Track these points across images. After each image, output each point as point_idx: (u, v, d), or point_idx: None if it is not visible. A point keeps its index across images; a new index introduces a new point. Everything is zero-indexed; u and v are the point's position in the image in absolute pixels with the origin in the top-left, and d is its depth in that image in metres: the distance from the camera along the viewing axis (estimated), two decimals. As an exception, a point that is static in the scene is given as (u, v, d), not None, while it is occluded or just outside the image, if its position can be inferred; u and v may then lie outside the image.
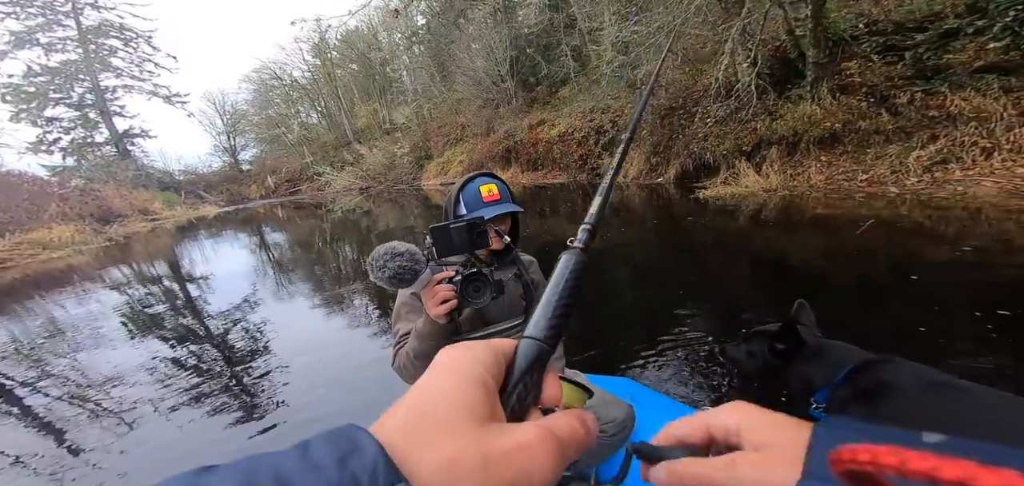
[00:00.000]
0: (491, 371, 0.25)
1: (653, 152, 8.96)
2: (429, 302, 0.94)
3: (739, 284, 3.49)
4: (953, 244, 3.18)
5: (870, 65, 6.08)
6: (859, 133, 5.47)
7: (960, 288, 2.61)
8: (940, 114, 4.93)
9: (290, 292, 5.28)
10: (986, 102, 4.46)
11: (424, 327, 0.98)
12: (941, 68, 5.42)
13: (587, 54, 14.28)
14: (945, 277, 2.80)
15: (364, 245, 8.56)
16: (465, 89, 18.31)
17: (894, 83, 5.67)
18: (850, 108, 5.70)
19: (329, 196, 21.32)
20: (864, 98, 5.73)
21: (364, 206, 15.55)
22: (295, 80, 33.11)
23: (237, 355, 3.40)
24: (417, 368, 1.02)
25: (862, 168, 5.12)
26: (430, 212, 11.68)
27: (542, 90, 15.83)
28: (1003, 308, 2.24)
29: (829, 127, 5.67)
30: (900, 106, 5.28)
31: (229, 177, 31.40)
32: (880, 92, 5.70)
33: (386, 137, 23.62)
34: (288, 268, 7.18)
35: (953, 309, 2.39)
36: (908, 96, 5.24)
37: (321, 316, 4.14)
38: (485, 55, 16.94)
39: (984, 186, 3.82)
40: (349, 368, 2.96)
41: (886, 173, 4.81)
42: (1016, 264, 2.78)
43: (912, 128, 5.09)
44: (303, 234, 11.26)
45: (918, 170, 4.55)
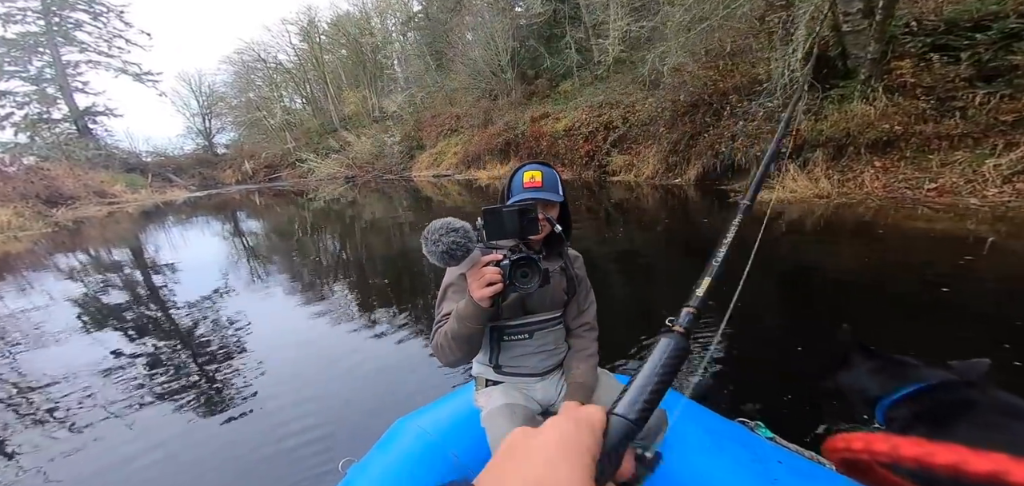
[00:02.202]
0: (594, 453, 0.27)
1: (672, 151, 8.34)
2: (474, 284, 0.91)
3: (831, 308, 2.84)
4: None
5: (926, 65, 5.58)
6: (919, 137, 4.95)
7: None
8: (1014, 119, 4.43)
9: (266, 283, 4.90)
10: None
11: (466, 309, 0.94)
12: (1003, 70, 4.95)
13: (590, 47, 13.67)
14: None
15: (347, 237, 7.92)
16: (462, 79, 17.41)
17: (954, 84, 5.18)
18: (907, 110, 5.18)
19: (312, 184, 20.09)
20: (921, 99, 5.22)
21: (349, 196, 14.65)
22: (280, 63, 31.43)
23: (205, 350, 3.16)
24: (454, 350, 1.00)
25: (927, 176, 4.58)
26: (420, 205, 10.94)
27: (542, 83, 15.13)
28: None
29: (887, 130, 5.13)
30: (968, 109, 4.77)
31: (202, 160, 29.58)
32: (938, 94, 5.21)
33: (375, 125, 22.45)
34: (264, 258, 6.53)
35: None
36: (976, 98, 4.73)
37: (299, 310, 3.88)
38: (484, 44, 16.10)
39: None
40: (328, 364, 2.81)
41: (959, 182, 4.28)
42: None
43: (981, 134, 4.59)
44: (282, 223, 10.53)
45: (997, 180, 4.03)
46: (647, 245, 5.08)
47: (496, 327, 1.14)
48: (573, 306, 1.22)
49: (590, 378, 1.14)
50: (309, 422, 2.15)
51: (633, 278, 4.00)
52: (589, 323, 1.23)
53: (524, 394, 1.17)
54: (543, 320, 1.15)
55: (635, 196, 8.12)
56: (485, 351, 1.16)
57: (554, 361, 1.19)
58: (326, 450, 1.91)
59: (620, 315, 3.08)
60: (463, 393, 1.32)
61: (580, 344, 1.20)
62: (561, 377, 1.21)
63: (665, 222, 6.18)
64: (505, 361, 1.15)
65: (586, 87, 13.24)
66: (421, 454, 1.15)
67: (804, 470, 1.06)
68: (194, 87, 32.91)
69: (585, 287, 1.24)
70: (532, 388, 1.18)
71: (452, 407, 1.29)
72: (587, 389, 1.13)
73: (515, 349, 1.15)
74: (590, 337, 1.21)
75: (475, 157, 14.40)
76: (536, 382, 1.18)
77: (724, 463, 1.06)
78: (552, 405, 1.20)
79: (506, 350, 1.15)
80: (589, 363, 1.17)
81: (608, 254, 4.75)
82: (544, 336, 1.16)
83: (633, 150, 9.78)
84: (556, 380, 1.21)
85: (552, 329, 1.17)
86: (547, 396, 1.20)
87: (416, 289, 4.12)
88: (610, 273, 4.14)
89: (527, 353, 1.15)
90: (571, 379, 1.15)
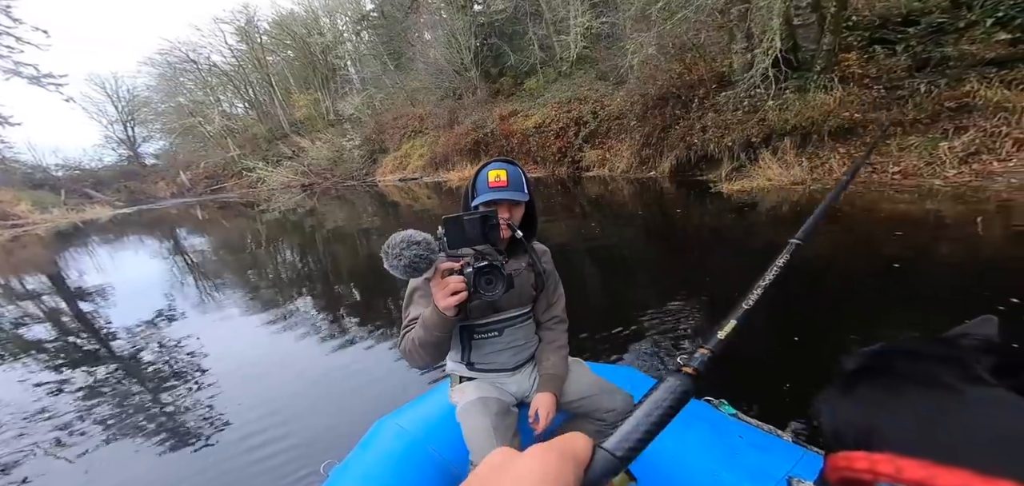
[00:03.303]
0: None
1: (644, 144, 8.50)
2: (438, 293, 0.91)
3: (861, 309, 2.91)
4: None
5: (871, 56, 6.07)
6: (876, 124, 5.34)
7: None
8: (957, 106, 4.89)
9: (219, 303, 4.58)
10: (1010, 94, 4.43)
11: (431, 317, 0.95)
12: (936, 61, 5.47)
13: (552, 44, 13.77)
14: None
15: (308, 247, 7.48)
16: (423, 78, 16.89)
17: (897, 74, 5.66)
18: (862, 98, 5.58)
19: (263, 194, 18.61)
20: (873, 88, 5.65)
21: (307, 205, 13.78)
22: (214, 65, 28.92)
23: (159, 378, 2.95)
24: (422, 355, 1.00)
25: (890, 160, 4.94)
26: (387, 211, 10.49)
27: (507, 81, 15.01)
28: None
29: (847, 118, 5.48)
30: (915, 97, 5.21)
31: (127, 173, 26.65)
32: (884, 83, 5.66)
33: (331, 129, 21.23)
34: (214, 276, 6.05)
35: None
36: (921, 87, 5.18)
37: (261, 327, 3.66)
38: (446, 42, 15.71)
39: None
40: (299, 376, 2.69)
41: (920, 165, 4.64)
42: None
43: (929, 120, 5.03)
44: (231, 237, 9.78)
45: (953, 161, 4.41)
46: (623, 238, 5.12)
47: (466, 326, 1.15)
48: (542, 300, 1.24)
49: (561, 369, 1.19)
50: (285, 430, 2.11)
51: (609, 271, 3.98)
52: (558, 316, 1.26)
53: (498, 388, 1.18)
54: (512, 317, 1.16)
55: (610, 191, 8.20)
56: (457, 350, 1.18)
57: (526, 355, 1.21)
58: (306, 456, 1.90)
59: (596, 308, 3.05)
60: (441, 390, 1.34)
61: (550, 336, 1.24)
62: (534, 369, 1.24)
63: (640, 215, 6.28)
64: (477, 359, 1.17)
65: (551, 84, 13.29)
66: (402, 452, 1.17)
67: (761, 443, 1.13)
68: (110, 91, 29.49)
69: (553, 280, 1.26)
70: (505, 382, 1.20)
71: (430, 405, 1.32)
72: (558, 380, 1.17)
73: (486, 347, 1.16)
74: (560, 329, 1.25)
75: (443, 158, 13.98)
76: (509, 376, 1.20)
77: (688, 438, 1.14)
78: (526, 396, 1.22)
79: (477, 348, 1.16)
80: (559, 354, 1.21)
81: (584, 249, 4.74)
82: (514, 332, 1.17)
83: (605, 144, 9.89)
84: (529, 372, 1.23)
85: (521, 325, 1.19)
86: (521, 389, 1.22)
87: (386, 293, 4.02)
88: (586, 268, 4.12)
89: (498, 350, 1.16)
90: (543, 371, 1.19)
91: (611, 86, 10.74)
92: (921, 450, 0.42)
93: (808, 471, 0.98)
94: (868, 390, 0.76)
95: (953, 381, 0.64)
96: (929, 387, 0.72)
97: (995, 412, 0.56)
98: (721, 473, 1.04)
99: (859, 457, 0.25)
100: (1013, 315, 2.16)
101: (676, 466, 1.08)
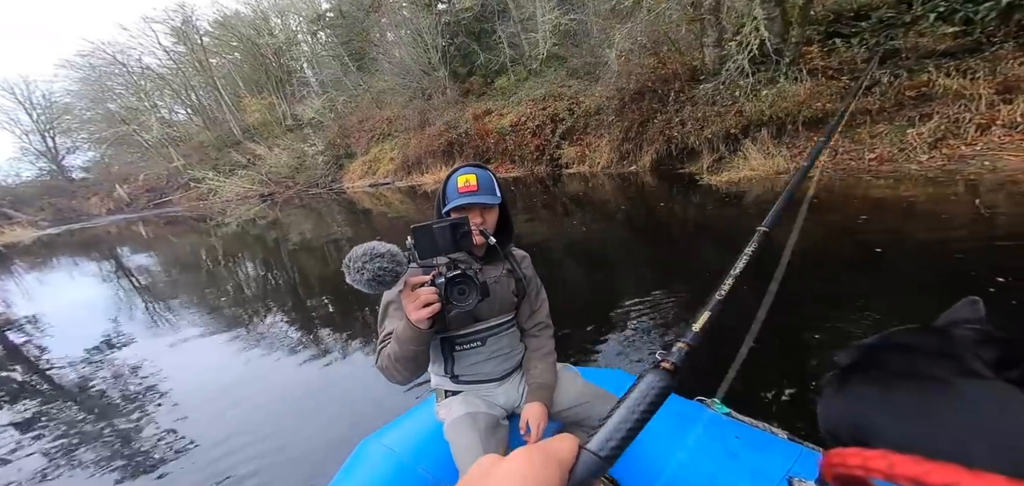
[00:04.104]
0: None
1: (624, 139, 8.60)
2: (409, 306, 0.89)
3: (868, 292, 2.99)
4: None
5: (832, 49, 6.43)
6: (848, 113, 5.65)
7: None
8: (917, 94, 5.26)
9: (175, 326, 4.27)
10: (965, 83, 4.81)
11: (405, 332, 0.92)
12: (890, 53, 5.89)
13: (520, 43, 13.73)
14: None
15: (273, 261, 7.09)
16: (389, 79, 16.29)
17: (856, 66, 6.03)
18: (831, 88, 5.89)
19: (217, 206, 17.24)
20: (838, 79, 5.98)
21: (268, 215, 12.93)
22: (147, 68, 26.53)
23: (114, 411, 2.72)
24: (399, 371, 0.98)
25: (865, 147, 5.23)
26: (358, 219, 10.04)
27: (477, 80, 14.78)
28: None
29: (818, 107, 5.77)
30: (877, 87, 5.56)
31: (52, 188, 23.94)
32: (846, 75, 6.01)
33: (290, 135, 20.02)
34: (166, 297, 5.61)
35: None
36: (884, 78, 5.53)
37: (226, 348, 3.46)
38: (411, 42, 15.23)
39: (1007, 159, 3.99)
40: (272, 407, 2.47)
41: (893, 151, 4.93)
42: None
43: (894, 108, 5.37)
44: (184, 255, 9.05)
45: (924, 147, 4.72)
46: (605, 234, 5.11)
47: (446, 339, 1.12)
48: (525, 307, 1.21)
49: (549, 377, 1.15)
50: (260, 459, 1.99)
51: (593, 269, 3.92)
52: (543, 322, 1.23)
53: (486, 401, 1.14)
54: (494, 325, 1.13)
55: (591, 187, 8.21)
56: (440, 363, 1.15)
57: (512, 364, 1.18)
58: (289, 478, 1.83)
59: (580, 309, 3.01)
60: (427, 406, 1.30)
61: (536, 343, 1.20)
62: (522, 378, 1.20)
63: (623, 210, 6.32)
64: (461, 371, 1.13)
65: (522, 82, 13.21)
66: (390, 474, 1.13)
67: (759, 442, 1.11)
68: (21, 97, 26.29)
69: (535, 286, 1.23)
70: (493, 394, 1.16)
71: (417, 422, 1.27)
72: (548, 388, 1.13)
73: (469, 358, 1.13)
74: (546, 335, 1.22)
75: (415, 161, 13.53)
76: (496, 387, 1.17)
77: (684, 442, 1.10)
78: (516, 407, 1.18)
79: (460, 360, 1.13)
80: (547, 361, 1.17)
81: (566, 247, 4.69)
82: (497, 341, 1.14)
83: (583, 141, 9.93)
84: (517, 382, 1.19)
85: (505, 333, 1.16)
86: (510, 399, 1.18)
87: (361, 305, 3.90)
88: (569, 267, 4.07)
89: (482, 360, 1.13)
90: (531, 380, 1.15)
91: (585, 82, 10.83)
92: (913, 446, 0.44)
93: (808, 469, 0.96)
94: (860, 386, 0.73)
95: (945, 374, 0.63)
96: (920, 382, 0.68)
97: (984, 406, 0.55)
98: (720, 476, 1.02)
99: (852, 453, 0.25)
100: (1001, 294, 2.25)
101: (674, 471, 1.04)
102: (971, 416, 0.56)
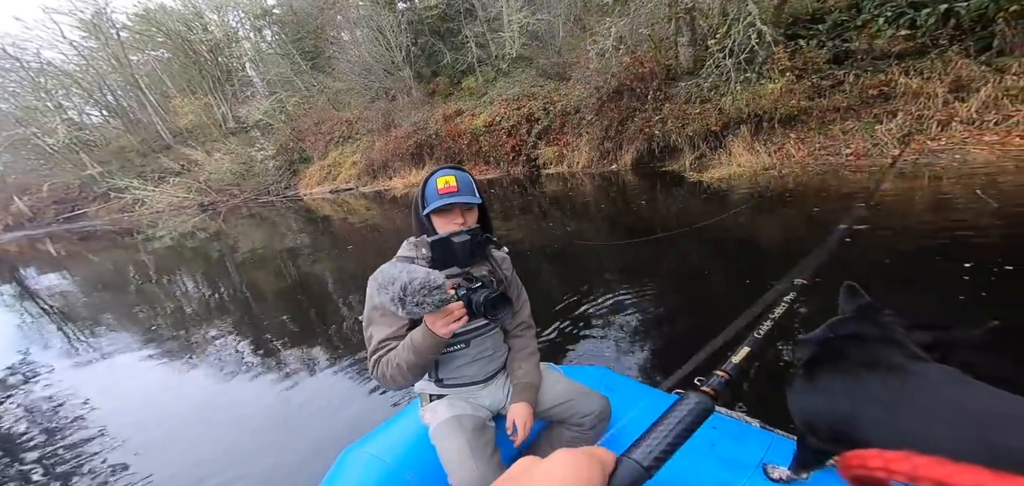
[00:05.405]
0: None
1: (604, 138, 8.64)
2: (439, 321, 0.91)
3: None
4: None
5: (797, 50, 6.86)
6: (819, 109, 6.01)
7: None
8: (879, 93, 5.71)
9: (104, 352, 3.82)
10: (923, 82, 5.28)
11: (425, 342, 0.95)
12: (846, 54, 6.38)
13: (487, 42, 13.56)
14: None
15: (219, 276, 6.45)
16: (348, 79, 15.35)
17: (820, 67, 6.46)
18: (804, 87, 6.25)
19: (144, 219, 15.25)
20: (808, 79, 6.36)
21: (210, 227, 11.72)
22: (48, 63, 23.10)
23: (35, 449, 2.42)
24: (406, 377, 1.00)
25: (838, 143, 5.57)
26: (317, 228, 9.34)
27: (443, 81, 14.36)
28: None
29: (793, 105, 6.09)
30: (843, 86, 5.98)
31: (-75, 205, 19.84)
32: (812, 75, 6.42)
33: (233, 138, 18.21)
34: (88, 321, 4.97)
35: None
36: (849, 76, 5.96)
37: (175, 376, 3.18)
38: (373, 41, 14.48)
39: (974, 152, 4.38)
40: (237, 430, 2.34)
41: (867, 146, 5.27)
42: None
43: (860, 106, 5.79)
44: (107, 274, 7.97)
45: (893, 142, 5.10)
46: (587, 234, 5.04)
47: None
48: None
49: (534, 376, 1.17)
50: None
51: (572, 270, 3.93)
52: (525, 321, 1.25)
53: (471, 403, 1.16)
54: (478, 327, 1.14)
55: (570, 188, 8.12)
56: None
57: (496, 365, 1.19)
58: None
59: (561, 310, 2.99)
60: (410, 412, 1.29)
61: (520, 344, 1.22)
62: (506, 379, 1.21)
63: (603, 209, 6.29)
64: (446, 374, 1.14)
65: (491, 82, 13.00)
66: (376, 481, 1.11)
67: (735, 432, 1.17)
68: None
69: (516, 286, 1.25)
70: (478, 396, 1.18)
71: (401, 429, 1.25)
72: (532, 388, 1.15)
73: (454, 361, 1.14)
74: (529, 336, 1.24)
75: (381, 165, 12.79)
76: (481, 389, 1.18)
77: None
78: (501, 408, 1.20)
79: (445, 364, 1.14)
80: (531, 361, 1.20)
81: (545, 249, 4.66)
82: (481, 343, 1.15)
83: (561, 140, 9.87)
84: (502, 383, 1.21)
85: (489, 334, 1.17)
86: (495, 401, 1.20)
87: (326, 317, 3.78)
88: (550, 269, 4.08)
89: (466, 363, 1.14)
90: (516, 380, 1.17)
91: (558, 81, 10.82)
92: (893, 433, 0.52)
93: (781, 456, 1.01)
94: (829, 380, 0.78)
95: (901, 361, 0.70)
96: (883, 370, 0.73)
97: (943, 390, 0.63)
98: (701, 464, 1.07)
99: (873, 455, 0.25)
100: (969, 278, 2.35)
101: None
102: (933, 399, 0.65)
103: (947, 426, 0.62)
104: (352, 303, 4.08)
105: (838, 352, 0.82)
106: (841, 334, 0.85)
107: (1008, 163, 3.97)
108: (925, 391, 0.68)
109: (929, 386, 0.68)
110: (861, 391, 0.74)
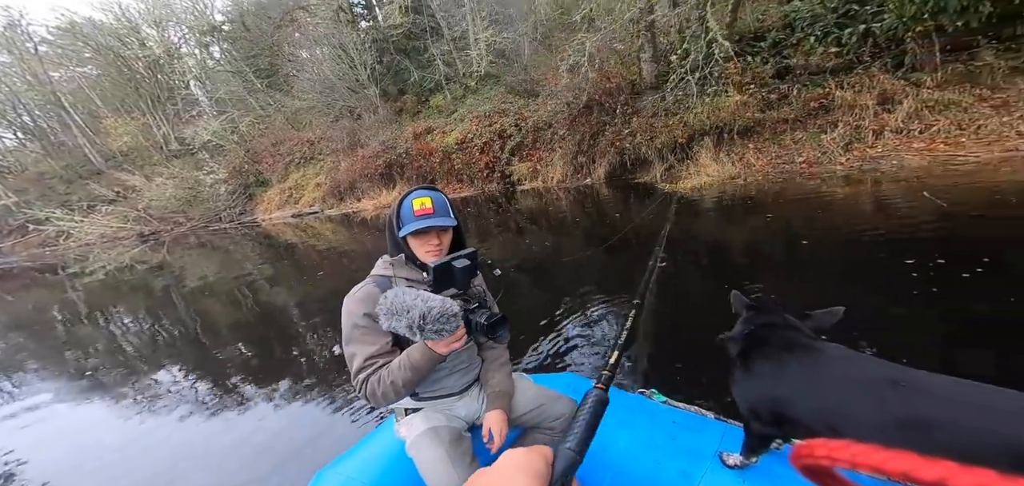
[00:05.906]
0: (546, 477, 0.35)
1: (577, 152, 8.93)
2: (441, 342, 0.94)
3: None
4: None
5: (746, 65, 7.53)
6: (771, 121, 6.62)
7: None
8: (819, 105, 6.39)
9: (26, 398, 3.53)
10: (855, 95, 5.98)
11: (422, 360, 0.98)
12: (786, 70, 7.12)
13: (454, 61, 13.68)
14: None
15: (164, 310, 6.03)
16: (309, 98, 14.81)
17: (765, 81, 7.14)
18: (756, 100, 6.86)
19: (72, 252, 13.64)
20: (757, 93, 6.99)
21: (152, 258, 10.76)
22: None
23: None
24: (400, 393, 1.01)
25: (792, 152, 6.14)
26: (279, 254, 8.87)
27: (410, 99, 14.25)
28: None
29: (750, 117, 6.66)
30: (788, 98, 6.63)
31: None
32: (760, 87, 7.08)
33: (177, 161, 16.85)
34: (7, 367, 4.54)
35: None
36: (794, 90, 6.62)
37: (120, 420, 2.92)
38: (335, 58, 14.13)
39: (908, 158, 5.00)
40: (202, 471, 2.25)
41: (817, 154, 5.86)
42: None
43: (805, 117, 6.44)
44: (26, 315, 7.18)
45: (839, 150, 5.70)
46: (563, 248, 5.19)
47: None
48: None
49: (507, 385, 1.22)
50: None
51: (549, 284, 4.05)
52: None
53: (447, 415, 1.19)
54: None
55: (545, 203, 8.29)
56: None
57: (471, 377, 1.23)
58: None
59: (534, 324, 3.07)
60: (383, 429, 1.31)
61: (493, 354, 1.27)
62: (481, 390, 1.26)
63: (577, 223, 6.50)
64: (422, 388, 1.16)
65: (459, 100, 13.08)
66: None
67: (692, 424, 1.27)
68: None
69: (488, 300, 1.31)
70: (454, 407, 1.21)
71: (375, 446, 1.26)
72: (506, 396, 1.20)
73: (432, 374, 1.15)
74: (501, 346, 1.28)
75: (348, 186, 12.36)
76: (457, 400, 1.21)
77: (630, 433, 1.25)
78: (477, 418, 1.24)
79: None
80: (503, 371, 1.24)
81: (523, 265, 4.77)
82: (457, 356, 1.17)
83: (534, 156, 10.07)
84: (476, 394, 1.25)
85: (464, 348, 1.21)
86: (470, 411, 1.24)
87: (287, 344, 3.71)
88: (527, 285, 4.17)
89: (442, 375, 1.17)
90: (490, 389, 1.21)
91: (527, 97, 11.09)
92: (819, 410, 0.78)
93: (733, 443, 1.10)
94: (761, 366, 0.98)
95: (808, 341, 0.90)
96: (799, 351, 0.91)
97: (852, 365, 0.82)
98: (662, 459, 1.15)
99: (819, 445, 0.27)
100: (908, 275, 2.65)
101: (622, 459, 1.18)
102: (839, 371, 0.81)
103: (852, 393, 0.76)
104: (322, 330, 3.90)
105: (761, 340, 0.97)
106: (758, 324, 1.01)
107: (936, 167, 4.59)
108: (831, 366, 0.84)
109: (832, 361, 0.83)
110: (786, 372, 0.89)
